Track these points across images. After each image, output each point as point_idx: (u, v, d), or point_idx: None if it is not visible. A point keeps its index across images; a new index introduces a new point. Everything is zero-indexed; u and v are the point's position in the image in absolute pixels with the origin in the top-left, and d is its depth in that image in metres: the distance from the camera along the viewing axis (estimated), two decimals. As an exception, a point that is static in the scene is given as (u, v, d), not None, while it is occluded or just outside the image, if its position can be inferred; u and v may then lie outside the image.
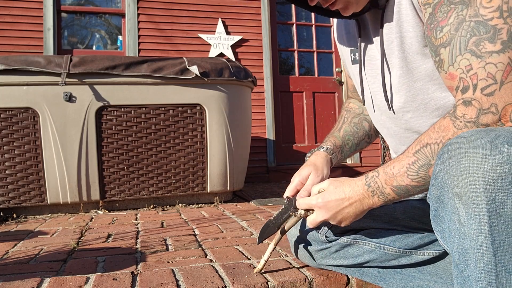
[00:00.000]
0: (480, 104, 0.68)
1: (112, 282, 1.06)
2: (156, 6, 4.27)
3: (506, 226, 0.56)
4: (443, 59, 0.74)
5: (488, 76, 0.67)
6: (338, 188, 0.84)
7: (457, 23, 0.71)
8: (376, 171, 0.79)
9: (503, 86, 0.67)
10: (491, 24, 0.68)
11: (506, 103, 0.66)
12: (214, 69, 2.51)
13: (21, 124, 2.27)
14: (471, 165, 0.58)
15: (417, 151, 0.72)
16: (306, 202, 0.90)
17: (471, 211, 0.58)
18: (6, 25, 3.89)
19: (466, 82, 0.70)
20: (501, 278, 0.56)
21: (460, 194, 0.59)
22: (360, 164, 4.78)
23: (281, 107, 4.68)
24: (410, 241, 0.97)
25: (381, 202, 0.79)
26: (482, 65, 0.68)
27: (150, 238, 1.62)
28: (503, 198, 0.56)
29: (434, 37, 0.75)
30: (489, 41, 0.68)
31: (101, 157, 2.38)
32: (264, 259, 1.06)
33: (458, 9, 0.72)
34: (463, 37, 0.70)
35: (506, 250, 0.56)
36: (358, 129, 1.17)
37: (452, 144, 0.62)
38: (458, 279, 0.61)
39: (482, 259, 0.57)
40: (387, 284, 0.99)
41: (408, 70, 0.88)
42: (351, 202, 0.82)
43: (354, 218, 0.85)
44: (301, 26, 4.93)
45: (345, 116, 1.20)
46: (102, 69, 2.34)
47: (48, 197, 2.30)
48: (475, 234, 0.58)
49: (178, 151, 2.50)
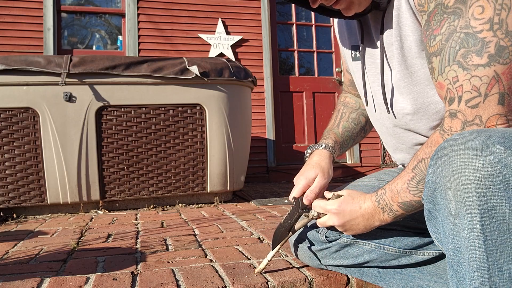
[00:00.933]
0: (464, 116, 0.70)
1: (112, 282, 1.06)
2: (156, 6, 4.27)
3: (498, 225, 0.56)
4: (434, 68, 0.75)
5: (473, 89, 0.69)
6: (356, 199, 0.88)
7: (448, 34, 0.72)
8: (384, 188, 0.83)
9: (487, 98, 0.68)
10: (480, 37, 0.69)
11: (490, 115, 0.68)
12: (214, 69, 2.51)
13: (21, 124, 2.27)
14: (462, 165, 0.59)
15: (415, 167, 0.76)
16: (322, 206, 0.94)
17: (464, 211, 0.58)
18: (6, 25, 3.89)
19: (452, 93, 0.72)
20: (494, 277, 0.56)
21: (453, 194, 0.60)
22: (360, 164, 4.78)
23: (281, 107, 4.68)
24: (410, 241, 0.97)
25: (391, 218, 0.84)
26: (468, 77, 0.69)
27: (150, 238, 1.62)
28: (494, 197, 0.56)
29: (428, 44, 0.77)
30: (476, 54, 0.69)
31: (101, 157, 2.38)
32: (267, 259, 1.06)
33: (450, 19, 0.72)
34: (453, 48, 0.71)
35: (499, 249, 0.56)
36: (356, 124, 1.18)
37: (445, 145, 0.63)
38: (453, 279, 0.61)
39: (474, 258, 0.57)
40: (387, 284, 0.99)
41: (407, 73, 0.88)
42: (363, 215, 0.86)
43: (362, 231, 0.90)
44: (301, 26, 4.93)
45: (342, 111, 1.21)
46: (102, 69, 2.34)
47: (48, 197, 2.30)
48: (468, 234, 0.58)
49: (178, 151, 2.50)
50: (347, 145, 1.16)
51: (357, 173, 4.69)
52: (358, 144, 4.80)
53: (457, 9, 0.71)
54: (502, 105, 0.68)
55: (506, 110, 0.68)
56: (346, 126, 1.16)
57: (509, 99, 0.68)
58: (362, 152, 4.82)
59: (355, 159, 4.79)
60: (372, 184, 1.05)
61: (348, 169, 4.70)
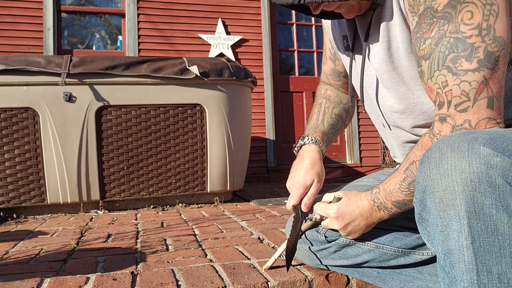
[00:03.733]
0: (454, 120, 0.70)
1: (112, 282, 1.06)
2: (156, 6, 4.27)
3: (485, 226, 0.56)
4: (424, 71, 0.76)
5: (462, 94, 0.69)
6: (352, 200, 0.90)
7: (438, 38, 0.73)
8: (378, 187, 0.85)
9: (476, 102, 0.69)
10: (469, 42, 0.69)
11: (479, 119, 0.69)
12: (214, 69, 2.52)
13: (21, 124, 2.27)
14: (449, 167, 0.59)
15: (406, 169, 0.77)
16: (322, 209, 0.95)
17: (452, 213, 0.59)
18: (6, 25, 3.89)
19: (441, 98, 0.72)
20: (483, 278, 0.56)
21: (441, 196, 0.60)
22: (360, 164, 4.78)
23: (281, 107, 4.68)
24: (409, 241, 0.97)
25: (387, 215, 0.86)
26: (457, 82, 0.70)
27: (150, 238, 1.62)
28: (481, 199, 0.57)
29: (418, 47, 0.77)
30: (466, 59, 0.69)
31: (101, 157, 2.38)
32: (274, 257, 1.09)
33: (440, 23, 0.73)
34: (442, 53, 0.72)
35: (487, 250, 0.56)
36: (338, 121, 1.18)
37: (432, 148, 0.63)
38: (444, 280, 0.62)
39: (463, 259, 0.57)
40: (387, 284, 1.00)
41: (394, 74, 0.89)
42: (362, 214, 0.88)
43: (364, 231, 0.92)
44: (301, 26, 4.93)
45: (325, 105, 1.19)
46: (102, 69, 2.34)
47: (48, 197, 2.30)
48: (456, 235, 0.58)
49: (178, 151, 2.50)
50: (330, 142, 1.16)
51: (357, 173, 4.69)
52: (358, 144, 4.81)
53: (447, 14, 0.72)
54: (491, 109, 0.68)
55: (495, 113, 0.69)
56: (330, 123, 1.15)
57: (498, 103, 0.69)
58: (362, 152, 4.83)
59: (355, 159, 4.79)
60: (371, 184, 1.05)
61: (348, 169, 4.70)
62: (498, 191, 0.56)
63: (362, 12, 0.88)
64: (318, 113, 1.18)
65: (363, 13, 0.89)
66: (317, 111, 1.19)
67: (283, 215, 2.10)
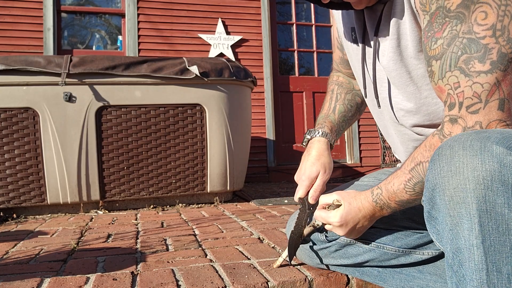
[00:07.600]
0: (465, 122, 0.70)
1: (112, 282, 1.06)
2: (156, 6, 4.27)
3: (497, 226, 0.56)
4: (434, 71, 0.75)
5: (474, 95, 0.69)
6: (352, 204, 0.89)
7: (450, 38, 0.72)
8: (379, 188, 0.84)
9: (487, 104, 0.68)
10: (482, 43, 0.68)
11: (490, 121, 0.68)
12: (214, 69, 2.51)
13: (21, 124, 2.27)
14: (461, 165, 0.58)
15: (412, 169, 0.76)
16: (324, 218, 0.94)
17: (463, 211, 0.58)
18: (6, 25, 3.89)
19: (453, 99, 0.72)
20: (492, 278, 0.56)
21: (451, 194, 0.59)
22: (360, 164, 4.78)
23: (281, 107, 4.68)
24: (410, 241, 0.97)
25: (389, 213, 0.87)
26: (469, 84, 0.69)
27: (150, 238, 1.62)
28: (493, 197, 0.56)
29: (429, 47, 0.76)
30: (479, 61, 0.68)
31: (101, 157, 2.38)
32: (282, 257, 1.10)
33: (453, 23, 0.72)
34: (454, 54, 0.71)
35: (497, 249, 0.56)
36: (352, 106, 1.16)
37: (443, 146, 0.63)
38: (452, 279, 0.61)
39: (473, 258, 0.57)
40: (387, 283, 0.99)
41: (403, 73, 0.88)
42: (365, 216, 0.88)
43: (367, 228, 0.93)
44: (301, 26, 4.93)
45: (337, 91, 1.18)
46: (102, 69, 2.34)
47: (48, 197, 2.30)
48: (467, 234, 0.58)
49: (178, 151, 2.50)
50: (342, 130, 1.15)
51: (357, 173, 4.69)
52: (358, 144, 4.81)
53: (460, 14, 0.71)
54: (502, 111, 0.68)
55: (505, 115, 0.68)
56: (341, 110, 1.14)
57: (508, 105, 0.69)
58: (362, 152, 4.83)
59: (355, 159, 4.79)
60: (372, 184, 1.05)
61: (348, 169, 4.70)
62: (510, 190, 0.55)
63: (372, 3, 0.87)
64: (330, 100, 1.17)
65: (373, 5, 0.88)
66: (329, 98, 1.18)
67: (283, 215, 2.10)
